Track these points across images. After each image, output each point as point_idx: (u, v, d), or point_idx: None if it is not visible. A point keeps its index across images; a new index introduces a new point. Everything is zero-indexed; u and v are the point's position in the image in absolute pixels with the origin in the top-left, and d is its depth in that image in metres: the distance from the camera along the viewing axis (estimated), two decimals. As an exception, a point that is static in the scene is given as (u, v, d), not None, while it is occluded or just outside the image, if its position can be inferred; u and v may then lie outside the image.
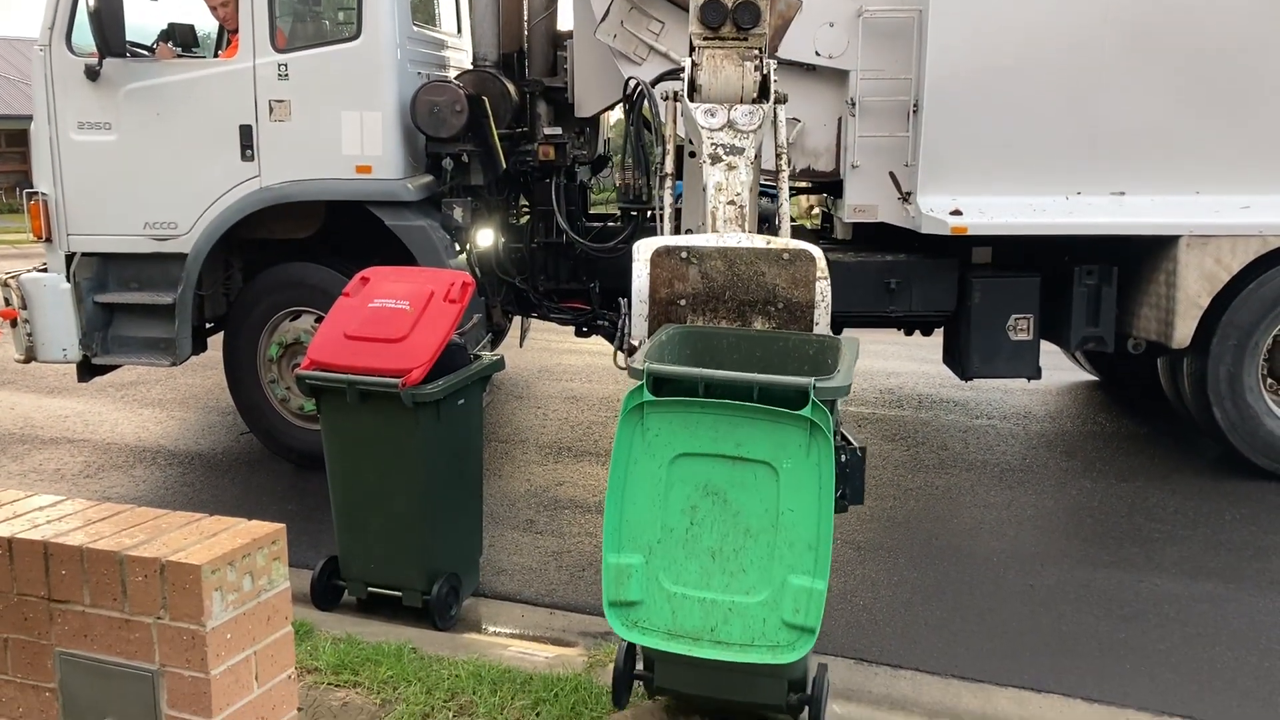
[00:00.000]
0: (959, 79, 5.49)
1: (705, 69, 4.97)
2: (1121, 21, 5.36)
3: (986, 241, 5.98)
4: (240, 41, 5.76)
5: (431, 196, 5.96)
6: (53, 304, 5.95)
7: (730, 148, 4.70)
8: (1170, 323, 5.54)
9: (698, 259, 4.19)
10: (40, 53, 5.83)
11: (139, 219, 5.91)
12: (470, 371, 4.28)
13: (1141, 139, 5.50)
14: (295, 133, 5.77)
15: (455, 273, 4.44)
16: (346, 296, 4.38)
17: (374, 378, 3.99)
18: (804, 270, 4.09)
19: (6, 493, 2.92)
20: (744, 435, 2.99)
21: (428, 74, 6.21)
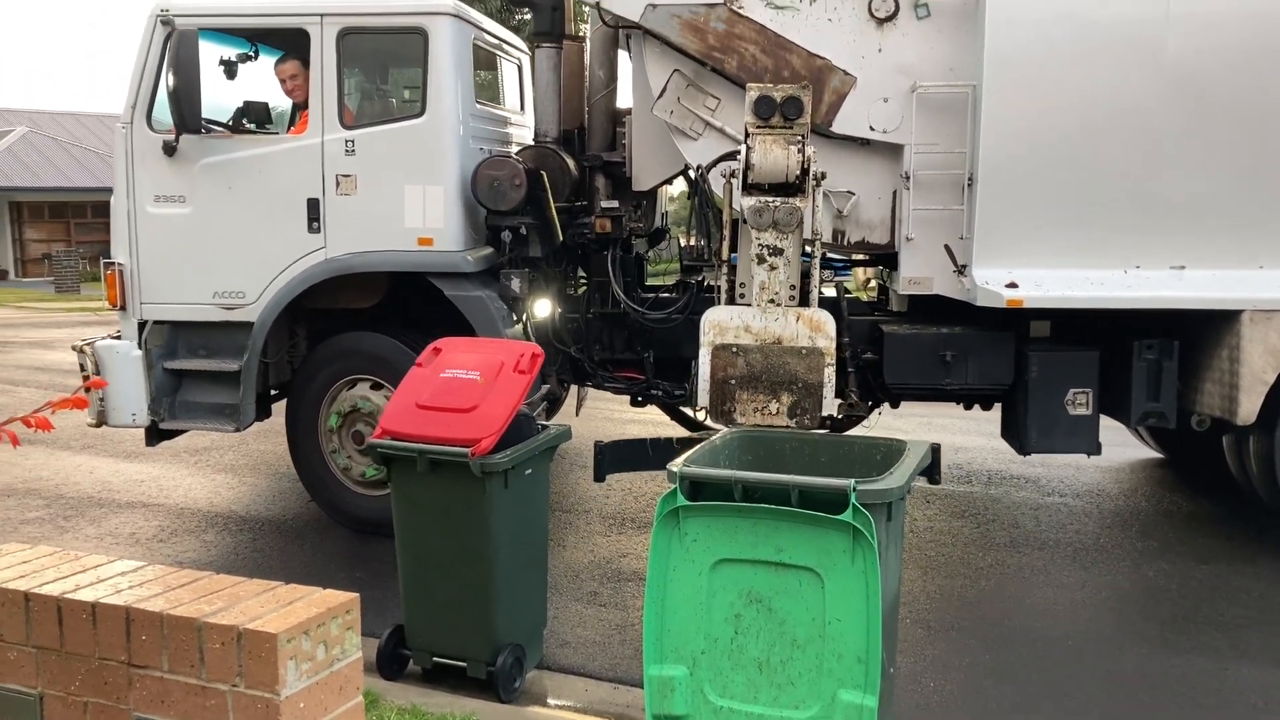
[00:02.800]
0: (1014, 153, 5.52)
1: (757, 151, 5.57)
2: (1179, 94, 5.35)
3: (1045, 315, 5.95)
4: (310, 118, 5.98)
5: (490, 267, 6.09)
6: (124, 370, 6.13)
7: (773, 249, 5.58)
8: (1235, 399, 5.44)
9: (743, 353, 5.58)
10: (122, 130, 6.10)
11: (208, 288, 6.11)
12: (538, 442, 4.30)
13: (1202, 212, 5.46)
14: (360, 206, 5.95)
15: (525, 344, 4.50)
16: (419, 367, 4.46)
17: (444, 447, 4.03)
18: (816, 360, 5.57)
19: (91, 557, 3.00)
20: (785, 540, 2.90)
21: (489, 149, 6.40)
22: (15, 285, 29.50)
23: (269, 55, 6.51)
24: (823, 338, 5.71)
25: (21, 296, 25.58)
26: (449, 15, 5.90)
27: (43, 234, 31.87)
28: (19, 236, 31.52)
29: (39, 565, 2.97)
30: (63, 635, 2.45)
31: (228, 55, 6.49)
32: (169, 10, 5.88)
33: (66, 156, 31.19)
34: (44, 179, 30.06)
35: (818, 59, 5.88)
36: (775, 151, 5.62)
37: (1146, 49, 5.34)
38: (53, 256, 28.22)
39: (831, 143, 6.00)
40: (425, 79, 5.90)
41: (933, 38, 5.75)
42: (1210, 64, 5.32)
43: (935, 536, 6.29)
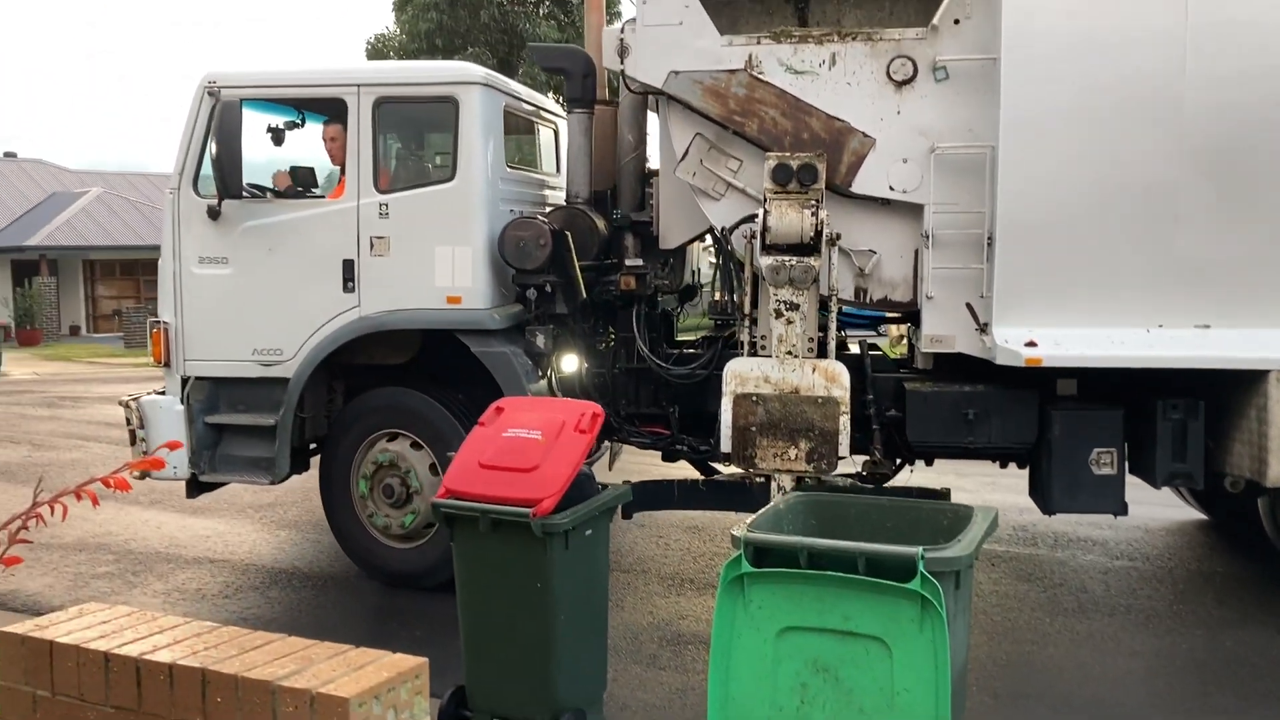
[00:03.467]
0: (1032, 212, 5.54)
1: (774, 215, 5.77)
2: (1198, 153, 5.34)
3: (1071, 374, 5.93)
4: (346, 183, 6.23)
5: (517, 324, 6.24)
6: (167, 424, 6.37)
7: (790, 304, 5.78)
8: (1264, 460, 5.34)
9: (763, 402, 5.74)
10: (170, 195, 6.41)
11: (248, 345, 6.34)
12: (598, 502, 4.29)
13: (1227, 271, 5.42)
14: (393, 266, 6.15)
15: (586, 404, 4.52)
16: (482, 425, 4.49)
17: (506, 506, 4.04)
18: (832, 409, 5.77)
19: (167, 618, 3.13)
20: (851, 608, 2.85)
21: (520, 210, 6.58)
22: (87, 340, 30.56)
23: (315, 122, 6.80)
24: (838, 388, 5.78)
25: (93, 351, 26.49)
26: (479, 84, 6.13)
27: (114, 290, 33.05)
28: (91, 293, 32.70)
29: (118, 625, 3.13)
30: (141, 696, 2.51)
31: (276, 123, 6.79)
32: (216, 82, 6.19)
33: (138, 215, 32.40)
34: (116, 238, 31.22)
35: (837, 121, 5.98)
36: (790, 215, 5.74)
37: (1163, 108, 5.35)
38: (123, 312, 29.22)
39: (852, 202, 6.08)
40: (456, 145, 6.12)
41: (952, 99, 5.82)
42: (1229, 121, 5.32)
43: (1001, 601, 6.19)
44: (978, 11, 5.70)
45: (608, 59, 6.27)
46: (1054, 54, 5.44)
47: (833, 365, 5.85)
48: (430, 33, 23.53)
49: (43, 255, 30.53)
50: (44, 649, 3.09)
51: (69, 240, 30.41)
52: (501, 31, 23.66)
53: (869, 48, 5.93)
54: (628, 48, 6.20)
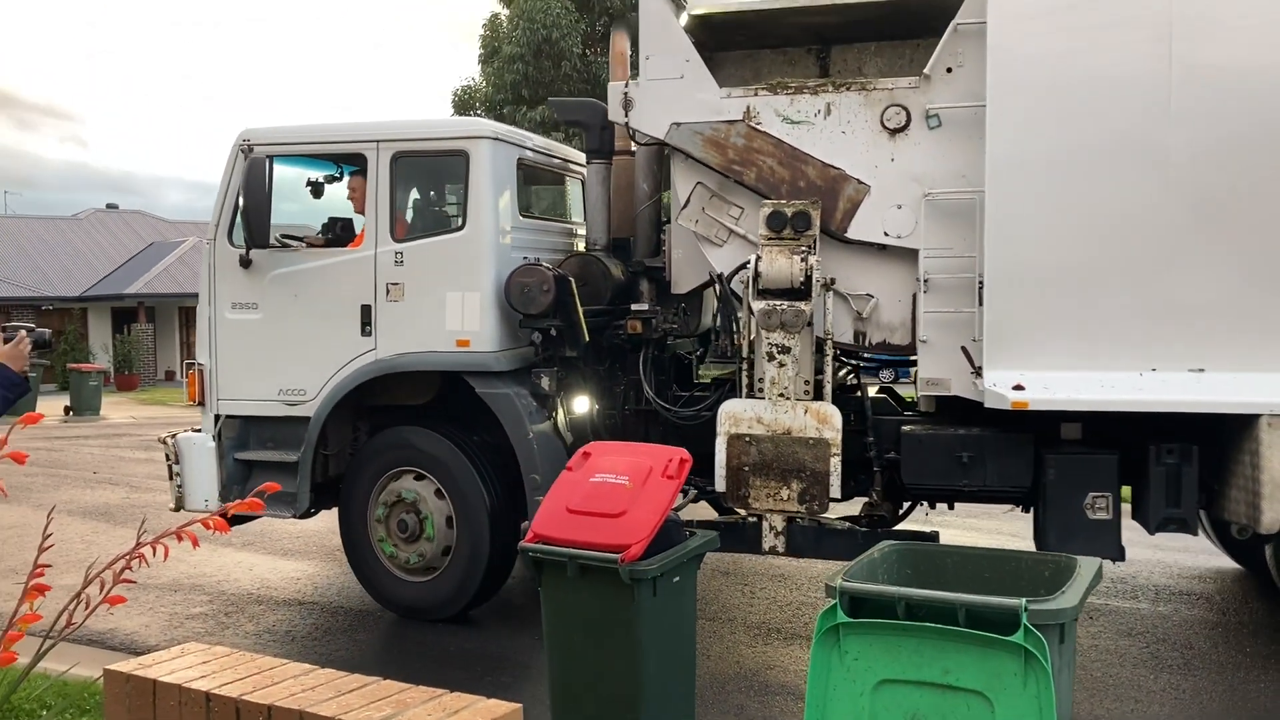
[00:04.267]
0: (1020, 256, 5.58)
1: (765, 261, 5.93)
2: (1185, 197, 5.33)
3: (1075, 418, 5.90)
4: (365, 232, 6.59)
5: (525, 366, 6.48)
6: (199, 460, 6.76)
7: (782, 347, 5.92)
8: (1258, 505, 5.24)
9: (756, 442, 5.89)
10: (207, 245, 6.86)
11: (274, 386, 6.71)
12: (686, 549, 4.26)
13: (1219, 314, 5.37)
14: (407, 311, 6.47)
15: (673, 449, 4.52)
16: (569, 470, 4.51)
17: (593, 552, 4.03)
18: (823, 450, 5.70)
19: (265, 659, 3.28)
20: (952, 662, 2.78)
21: (538, 258, 6.85)
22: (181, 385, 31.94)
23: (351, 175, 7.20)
24: (829, 430, 5.86)
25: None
26: (488, 139, 6.44)
27: (207, 336, 34.41)
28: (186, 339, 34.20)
29: (218, 665, 3.28)
30: (240, 736, 2.57)
31: (316, 176, 7.22)
32: (249, 140, 6.63)
33: (232, 264, 33.77)
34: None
35: (832, 169, 6.13)
36: (780, 261, 5.89)
37: (1149, 153, 5.37)
38: (214, 356, 30.41)
39: (849, 248, 6.20)
40: (466, 196, 6.43)
41: (945, 146, 5.92)
42: (1214, 165, 5.30)
43: (1101, 656, 6.00)
44: (969, 60, 5.81)
45: (614, 113, 6.52)
46: (1039, 101, 5.51)
47: (824, 407, 5.94)
48: (516, 84, 24.36)
49: (141, 303, 32.11)
50: (147, 687, 3.20)
51: (166, 288, 31.93)
52: (584, 81, 24.36)
53: (863, 97, 6.08)
54: (632, 101, 6.46)
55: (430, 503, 6.44)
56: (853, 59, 7.51)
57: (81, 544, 8.74)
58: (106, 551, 7.10)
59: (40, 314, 29.34)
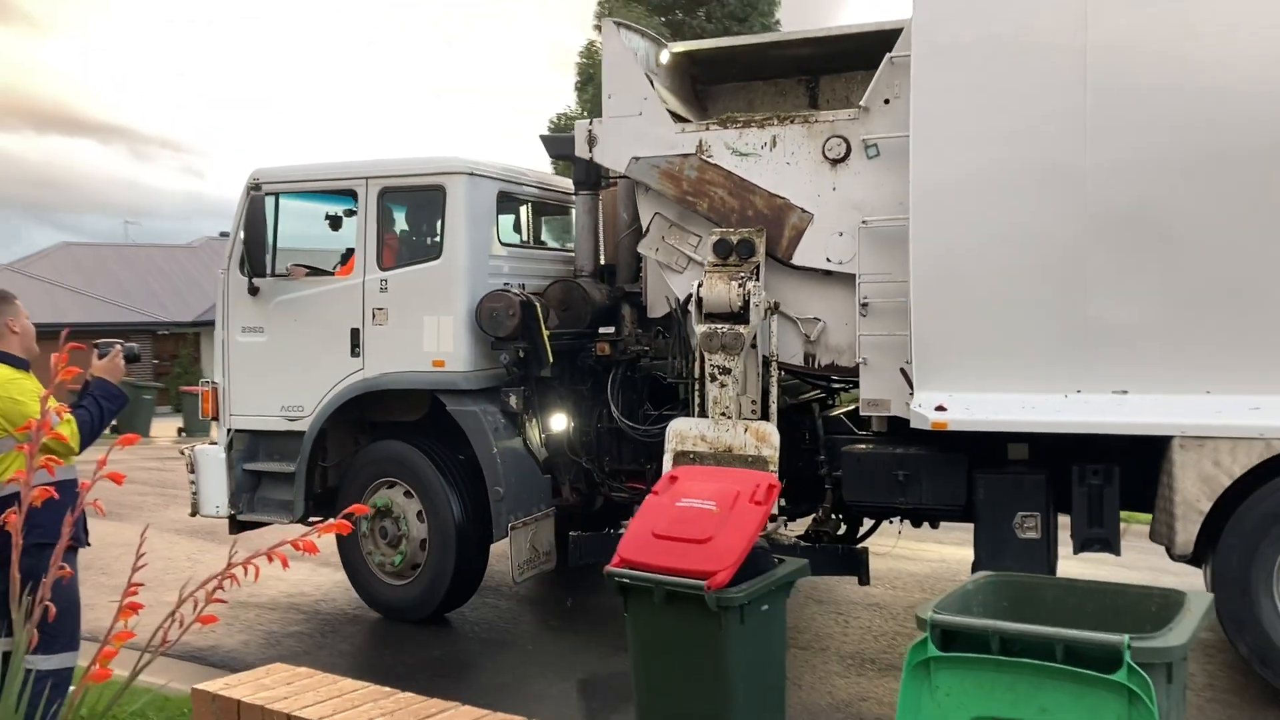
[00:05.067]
0: (943, 282, 5.75)
1: (705, 287, 6.26)
2: (1102, 223, 5.42)
3: (1022, 439, 6.00)
4: (355, 262, 7.15)
5: (496, 386, 6.93)
6: (211, 470, 7.42)
7: (722, 369, 6.20)
8: (1172, 527, 5.29)
9: (699, 459, 6.17)
10: (221, 275, 7.53)
11: (277, 403, 7.32)
12: (775, 576, 4.21)
13: (1140, 336, 5.42)
14: (390, 334, 7.00)
15: (762, 474, 4.55)
16: (655, 495, 4.52)
17: (680, 579, 4.01)
18: (761, 468, 5.91)
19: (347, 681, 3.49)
20: (1049, 699, 2.69)
21: (520, 284, 7.30)
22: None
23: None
24: (767, 447, 6.13)
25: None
26: (464, 174, 6.93)
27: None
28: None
29: (301, 686, 3.43)
30: (319, 756, 2.68)
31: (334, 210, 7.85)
32: (258, 179, 7.29)
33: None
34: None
35: (778, 199, 6.41)
36: (719, 286, 6.20)
37: (1066, 177, 5.47)
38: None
39: (798, 273, 6.46)
40: (443, 226, 6.94)
41: (883, 175, 6.14)
42: (1129, 192, 5.37)
43: (1219, 695, 5.69)
44: (905, 91, 6.02)
45: (579, 149, 6.95)
46: (960, 129, 5.68)
47: (763, 426, 6.21)
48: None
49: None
50: (232, 707, 3.31)
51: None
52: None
53: (806, 129, 6.35)
54: (596, 138, 6.87)
55: (406, 511, 6.94)
56: (841, 88, 7.78)
57: (188, 562, 8.97)
58: (210, 570, 7.46)
59: (156, 339, 31.29)
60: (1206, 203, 5.24)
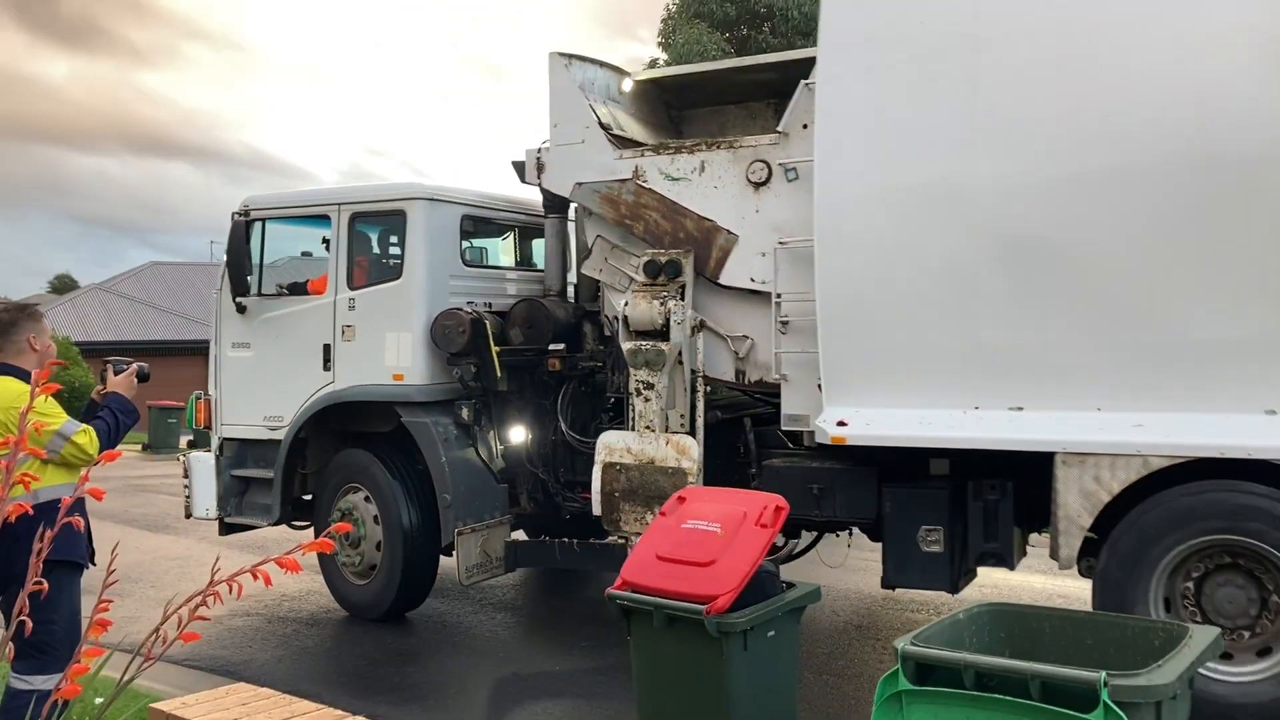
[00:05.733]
0: (848, 300, 5.91)
1: (630, 305, 6.57)
2: (993, 243, 5.50)
3: (944, 454, 6.11)
4: (328, 282, 7.67)
5: (452, 399, 7.33)
6: (202, 475, 8.01)
7: (646, 384, 6.52)
8: (1058, 542, 5.35)
9: (625, 470, 6.53)
10: (216, 294, 8.14)
11: (261, 413, 7.88)
12: (781, 602, 4.12)
13: (1032, 353, 5.50)
14: (357, 349, 7.48)
15: (770, 496, 4.45)
16: (663, 516, 4.49)
17: (679, 602, 3.96)
18: (680, 479, 6.29)
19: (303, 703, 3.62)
20: None
21: (487, 303, 7.72)
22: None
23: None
24: (686, 460, 6.38)
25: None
26: (423, 199, 7.38)
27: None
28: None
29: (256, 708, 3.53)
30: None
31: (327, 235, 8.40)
32: (247, 205, 7.88)
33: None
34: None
35: (706, 221, 6.67)
36: (642, 305, 6.49)
37: (959, 199, 5.60)
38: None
39: (726, 292, 6.70)
40: (404, 248, 7.40)
41: (801, 197, 6.32)
42: (1020, 214, 5.46)
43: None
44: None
45: (529, 175, 7.33)
46: (861, 152, 5.86)
47: (684, 439, 6.46)
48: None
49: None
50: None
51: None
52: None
53: (731, 154, 6.61)
54: (544, 165, 7.25)
55: (365, 515, 7.39)
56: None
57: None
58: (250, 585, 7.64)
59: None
60: (1092, 222, 5.30)
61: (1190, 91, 5.05)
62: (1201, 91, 5.03)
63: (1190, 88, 5.05)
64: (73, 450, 4.26)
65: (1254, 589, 5.10)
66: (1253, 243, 5.00)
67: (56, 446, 4.22)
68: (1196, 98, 5.04)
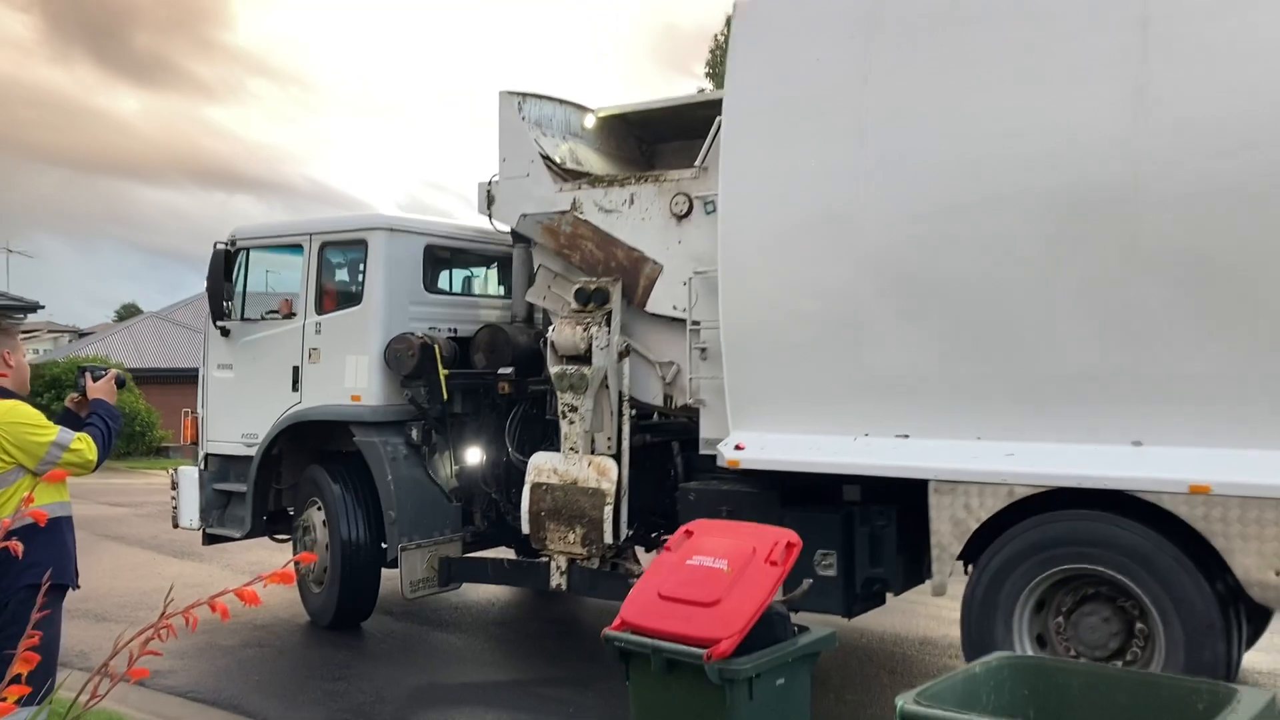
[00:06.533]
0: (747, 328, 6.10)
1: (555, 331, 6.92)
2: (875, 271, 5.64)
3: (854, 480, 6.21)
4: (298, 307, 8.15)
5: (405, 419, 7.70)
6: (188, 488, 8.54)
7: (571, 407, 6.78)
8: (931, 568, 5.42)
9: (550, 490, 6.83)
10: (205, 320, 8.71)
11: (239, 430, 8.38)
12: (791, 647, 3.86)
13: (919, 383, 5.60)
14: (322, 371, 7.93)
15: (782, 531, 4.24)
16: (668, 551, 4.22)
17: (679, 645, 3.71)
18: (599, 499, 6.61)
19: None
20: None
21: (452, 329, 8.10)
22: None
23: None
24: (605, 481, 6.61)
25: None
26: (383, 230, 7.82)
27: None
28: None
29: None
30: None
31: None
32: (233, 235, 8.44)
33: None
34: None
35: (635, 251, 6.94)
36: (565, 331, 6.79)
37: (845, 233, 5.76)
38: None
39: (654, 320, 6.95)
40: (364, 276, 7.83)
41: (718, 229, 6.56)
42: (903, 247, 5.60)
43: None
44: (736, 152, 6.45)
45: (480, 207, 7.70)
46: (757, 188, 6.07)
47: (605, 461, 6.69)
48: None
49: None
50: None
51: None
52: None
53: (657, 188, 6.87)
54: (493, 197, 7.61)
55: (317, 528, 7.80)
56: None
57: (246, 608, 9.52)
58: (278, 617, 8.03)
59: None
60: (961, 255, 5.42)
61: (1054, 128, 5.14)
62: (1065, 128, 5.11)
63: (1054, 124, 5.14)
64: (71, 458, 4.15)
65: (1117, 620, 5.09)
66: (1115, 277, 5.05)
67: (54, 457, 4.11)
68: (1060, 135, 5.13)
